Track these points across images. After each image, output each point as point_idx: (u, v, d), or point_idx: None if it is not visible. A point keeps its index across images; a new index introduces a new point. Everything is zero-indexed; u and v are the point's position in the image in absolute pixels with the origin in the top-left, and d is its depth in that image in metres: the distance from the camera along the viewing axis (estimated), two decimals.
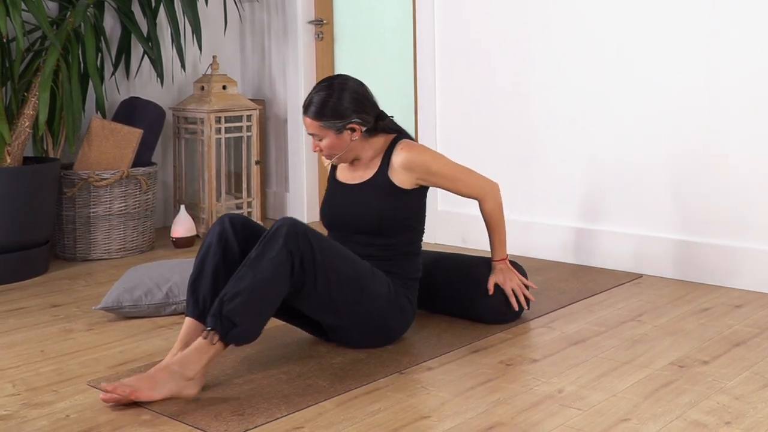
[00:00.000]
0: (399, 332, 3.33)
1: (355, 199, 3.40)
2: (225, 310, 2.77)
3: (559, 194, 4.68)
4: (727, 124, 4.08)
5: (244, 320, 2.79)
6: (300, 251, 2.91)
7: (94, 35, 4.84)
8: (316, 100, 3.31)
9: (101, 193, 4.84)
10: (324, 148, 3.34)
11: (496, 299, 3.54)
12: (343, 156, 3.38)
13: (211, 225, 5.43)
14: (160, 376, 2.76)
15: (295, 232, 2.92)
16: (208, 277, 3.04)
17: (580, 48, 4.55)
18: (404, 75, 5.52)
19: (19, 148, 4.59)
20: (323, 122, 3.29)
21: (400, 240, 3.37)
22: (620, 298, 3.97)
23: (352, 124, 3.32)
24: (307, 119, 3.32)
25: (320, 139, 3.33)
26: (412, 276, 3.41)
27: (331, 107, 3.30)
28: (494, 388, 2.89)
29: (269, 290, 2.85)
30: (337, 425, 2.60)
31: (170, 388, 2.76)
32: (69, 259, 4.90)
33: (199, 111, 5.45)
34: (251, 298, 2.80)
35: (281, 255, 2.87)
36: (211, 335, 2.78)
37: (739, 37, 4.02)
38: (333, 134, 3.31)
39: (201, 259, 3.09)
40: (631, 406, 2.71)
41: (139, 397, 2.72)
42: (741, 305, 3.82)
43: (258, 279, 2.82)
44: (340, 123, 3.30)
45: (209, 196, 5.46)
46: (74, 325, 3.69)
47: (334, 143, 3.33)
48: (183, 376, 2.76)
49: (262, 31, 6.19)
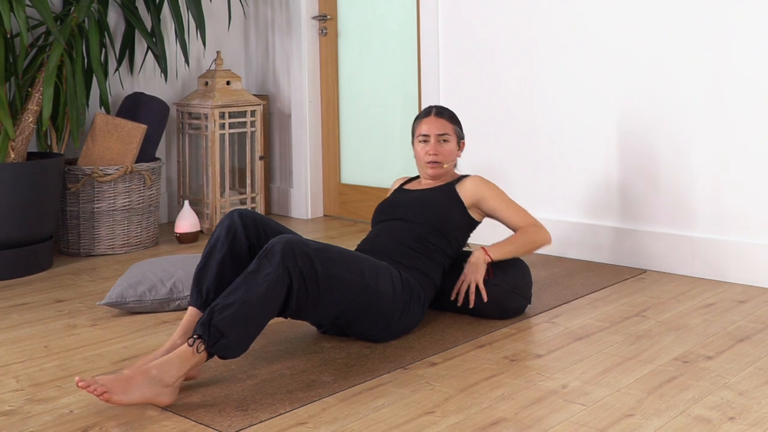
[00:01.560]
0: (403, 330, 3.33)
1: (416, 195, 3.68)
2: (214, 320, 2.70)
3: (562, 190, 4.68)
4: (733, 121, 4.07)
5: (233, 332, 2.71)
6: (298, 267, 2.86)
7: (98, 30, 4.84)
8: (441, 108, 3.78)
9: (105, 188, 4.84)
10: (445, 152, 3.71)
11: (499, 293, 3.54)
12: (448, 167, 3.74)
13: (215, 220, 5.44)
14: (138, 379, 2.66)
15: (291, 249, 2.87)
16: (213, 269, 3.05)
17: (583, 45, 4.55)
18: (408, 71, 5.52)
19: (23, 144, 4.59)
20: (454, 126, 3.75)
21: (435, 242, 3.51)
22: (624, 293, 3.96)
23: (463, 141, 3.81)
24: (440, 120, 3.73)
25: (446, 141, 3.71)
26: (433, 280, 3.46)
27: (455, 117, 3.79)
28: (498, 383, 2.89)
29: (261, 306, 2.77)
30: (340, 421, 2.61)
31: (144, 393, 2.65)
32: (73, 255, 4.90)
33: (203, 106, 5.45)
34: (242, 312, 2.73)
35: (277, 271, 2.82)
36: (197, 343, 2.70)
37: (745, 37, 4.02)
38: (455, 141, 3.75)
39: (208, 251, 3.10)
40: (635, 402, 2.71)
41: (110, 399, 2.60)
42: (745, 301, 3.81)
43: (251, 294, 2.76)
44: (460, 132, 3.78)
45: (213, 192, 5.46)
46: (78, 321, 3.69)
47: (453, 150, 3.74)
48: (161, 382, 2.68)
49: (266, 27, 6.19)
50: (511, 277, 3.58)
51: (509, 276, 3.58)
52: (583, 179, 4.60)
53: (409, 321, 3.32)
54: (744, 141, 4.05)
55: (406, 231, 3.52)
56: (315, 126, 5.98)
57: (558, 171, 4.69)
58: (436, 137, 3.71)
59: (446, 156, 3.71)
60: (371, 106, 5.73)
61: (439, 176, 3.75)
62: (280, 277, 2.81)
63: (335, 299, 3.00)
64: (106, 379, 2.63)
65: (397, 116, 5.59)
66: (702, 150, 4.18)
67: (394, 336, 3.31)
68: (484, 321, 3.55)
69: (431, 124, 3.72)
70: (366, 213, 5.80)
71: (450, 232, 3.58)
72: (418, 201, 3.63)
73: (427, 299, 3.43)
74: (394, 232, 3.53)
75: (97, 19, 4.90)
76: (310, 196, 5.98)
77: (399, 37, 5.56)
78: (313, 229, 5.56)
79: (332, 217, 5.98)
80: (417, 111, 5.46)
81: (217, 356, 2.76)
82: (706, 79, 4.14)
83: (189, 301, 3.06)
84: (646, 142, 4.35)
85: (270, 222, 3.22)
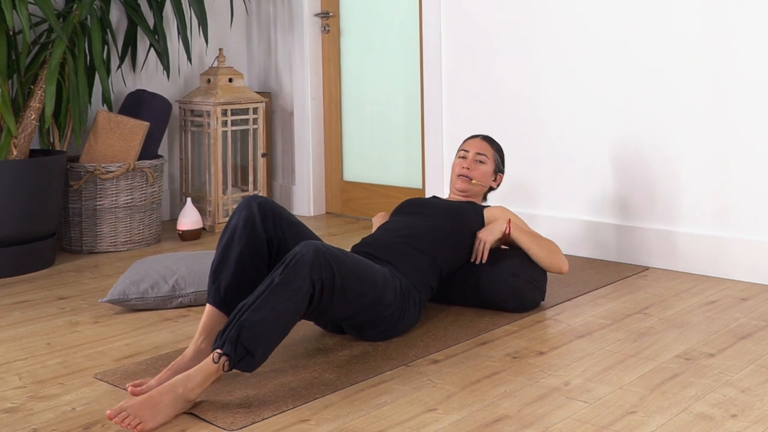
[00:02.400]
0: (400, 333, 3.33)
1: (445, 201, 3.76)
2: (242, 338, 2.65)
3: (564, 187, 4.68)
4: (735, 118, 4.07)
5: (259, 350, 2.68)
6: (322, 279, 2.82)
7: (101, 28, 4.84)
8: (490, 137, 3.99)
9: (107, 185, 4.84)
10: (480, 171, 3.86)
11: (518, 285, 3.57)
12: (478, 188, 3.87)
13: (217, 218, 5.44)
14: (164, 401, 2.61)
15: (319, 262, 2.81)
16: (231, 265, 3.00)
17: (585, 44, 4.54)
18: (410, 68, 5.52)
19: (26, 141, 4.59)
20: (495, 152, 3.92)
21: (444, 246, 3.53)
22: (626, 291, 3.96)
23: (501, 174, 3.96)
24: (483, 142, 3.92)
25: (482, 162, 3.87)
26: (430, 284, 3.47)
27: (500, 148, 3.98)
28: (500, 380, 2.89)
29: (288, 322, 2.74)
30: (343, 418, 2.61)
31: (169, 414, 2.61)
32: (75, 252, 4.90)
33: (205, 103, 5.46)
34: (270, 330, 2.69)
35: (305, 285, 2.77)
36: (224, 361, 2.66)
37: (746, 36, 4.02)
38: (492, 167, 3.90)
39: (226, 243, 3.04)
40: (637, 399, 2.71)
41: (144, 428, 2.54)
42: (747, 298, 3.81)
43: (280, 310, 2.71)
44: (500, 161, 3.94)
45: (215, 189, 5.46)
46: (80, 318, 3.70)
47: (488, 173, 3.89)
48: (186, 398, 2.64)
49: (268, 24, 6.19)
50: (529, 270, 3.63)
51: (528, 268, 3.62)
52: (585, 176, 4.60)
53: (406, 324, 3.32)
54: (747, 138, 4.05)
55: (420, 228, 3.54)
56: (317, 123, 5.98)
57: (560, 168, 4.69)
58: (474, 155, 3.88)
59: (479, 175, 3.86)
60: (373, 103, 5.73)
61: (467, 192, 3.85)
62: (308, 289, 2.78)
63: (343, 308, 2.99)
64: (135, 407, 2.55)
65: (399, 113, 5.59)
66: (704, 147, 4.18)
67: (388, 338, 3.31)
68: (487, 318, 3.56)
69: (473, 143, 3.92)
70: (369, 210, 5.80)
71: (463, 243, 3.61)
72: (448, 206, 3.70)
73: (423, 301, 3.42)
74: (407, 228, 3.54)
75: (99, 17, 4.90)
76: (312, 193, 5.98)
77: (401, 35, 5.56)
78: (316, 227, 5.56)
79: (335, 215, 5.98)
80: (419, 108, 5.46)
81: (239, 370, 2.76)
82: (708, 76, 4.14)
83: (207, 298, 3.02)
84: (648, 139, 4.35)
85: (285, 213, 3.16)
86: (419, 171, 5.52)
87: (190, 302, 3.80)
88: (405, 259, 3.40)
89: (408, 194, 5.58)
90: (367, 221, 5.72)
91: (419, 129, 5.49)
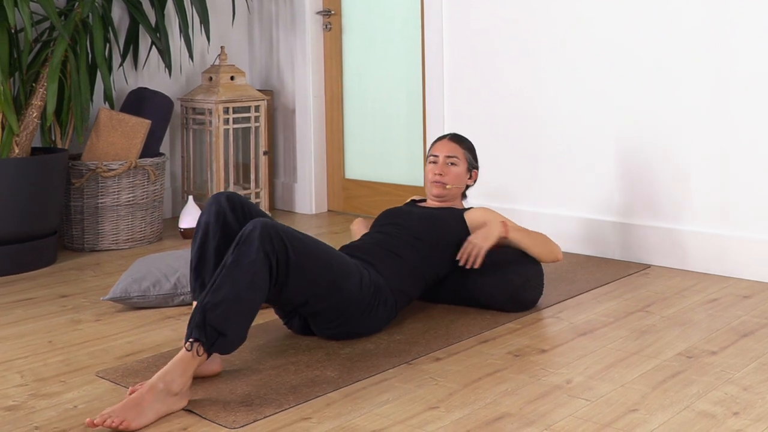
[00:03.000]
0: (363, 332, 3.29)
1: (423, 210, 3.71)
2: (209, 320, 2.67)
3: (566, 185, 4.68)
4: (737, 117, 4.07)
5: (230, 328, 2.69)
6: (276, 252, 2.84)
7: (102, 26, 4.84)
8: (458, 134, 3.89)
9: (109, 183, 4.84)
10: (452, 174, 3.78)
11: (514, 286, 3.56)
12: (454, 191, 3.80)
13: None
14: (147, 398, 2.59)
15: (268, 234, 2.84)
16: (211, 259, 3.04)
17: (586, 42, 4.54)
18: (412, 66, 5.52)
19: (27, 139, 4.60)
20: (465, 151, 3.83)
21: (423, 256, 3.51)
22: (628, 288, 3.96)
23: (475, 170, 3.87)
24: (451, 143, 3.82)
25: (454, 165, 3.78)
26: (407, 292, 3.43)
27: (470, 145, 3.88)
28: (502, 378, 2.89)
29: (251, 294, 2.75)
30: (345, 416, 2.61)
31: (158, 410, 2.60)
32: (77, 250, 4.90)
33: (207, 101, 5.46)
34: (235, 306, 2.70)
35: (258, 257, 2.79)
36: (196, 347, 2.66)
37: (747, 36, 4.01)
38: (465, 166, 3.82)
39: (201, 242, 3.08)
40: (639, 397, 2.71)
41: (129, 426, 2.52)
42: (749, 296, 3.81)
43: (239, 285, 2.73)
44: (472, 158, 3.84)
45: (217, 187, 5.46)
46: (82, 316, 3.70)
47: (461, 174, 3.81)
48: (169, 392, 2.62)
49: (270, 22, 6.19)
50: (524, 270, 3.61)
51: (522, 268, 3.60)
52: (586, 175, 4.59)
53: (372, 324, 3.28)
54: (748, 136, 4.04)
55: (398, 238, 3.51)
56: (319, 121, 5.98)
57: (562, 167, 4.68)
58: (444, 158, 3.79)
59: (452, 178, 3.78)
60: (375, 101, 5.73)
61: (443, 197, 3.79)
62: (262, 261, 2.80)
63: (300, 288, 2.98)
64: (117, 409, 2.54)
65: (401, 111, 5.59)
66: (706, 145, 4.17)
67: (350, 335, 3.26)
68: (488, 316, 3.56)
69: (442, 146, 3.83)
70: (370, 208, 5.80)
71: (444, 252, 3.58)
72: (424, 215, 3.65)
73: (397, 308, 3.38)
74: (386, 237, 3.52)
75: (101, 15, 4.90)
76: (314, 191, 5.98)
77: (403, 33, 5.56)
78: (318, 225, 5.56)
79: (337, 213, 5.99)
80: (421, 106, 5.46)
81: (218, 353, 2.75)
82: (708, 75, 4.14)
83: (192, 296, 3.04)
84: (650, 137, 4.35)
85: (253, 206, 3.21)
86: (421, 169, 5.52)
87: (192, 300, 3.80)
88: (386, 263, 3.38)
89: (410, 192, 5.57)
90: (368, 219, 5.72)
91: (421, 127, 5.49)
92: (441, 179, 3.76)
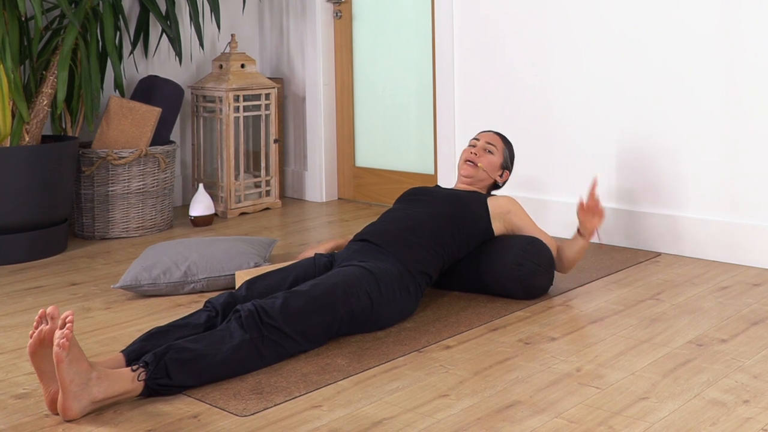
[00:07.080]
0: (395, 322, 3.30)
1: (447, 190, 3.76)
2: (167, 357, 2.64)
3: (576, 174, 4.67)
4: (747, 105, 4.06)
5: (178, 378, 2.66)
6: (264, 336, 2.84)
7: (113, 14, 4.85)
8: (505, 137, 4.02)
9: (119, 171, 4.85)
10: (488, 160, 3.85)
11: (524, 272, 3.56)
12: (485, 177, 3.85)
13: (229, 203, 5.44)
14: (78, 379, 2.50)
15: (254, 323, 2.84)
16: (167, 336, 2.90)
17: (597, 31, 4.53)
18: (422, 54, 5.51)
19: (38, 127, 4.60)
20: (505, 147, 3.91)
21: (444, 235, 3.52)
22: (638, 276, 3.96)
23: (507, 171, 3.92)
24: (495, 135, 3.91)
25: (491, 153, 3.86)
26: (427, 272, 3.42)
27: (510, 146, 3.96)
28: (512, 366, 2.89)
29: (218, 367, 2.73)
30: (355, 404, 2.61)
31: (78, 396, 2.50)
32: (87, 238, 4.91)
33: (217, 89, 5.46)
34: (197, 364, 2.69)
35: (242, 344, 2.78)
36: (140, 371, 2.62)
37: (759, 26, 4.00)
38: (500, 159, 3.88)
39: (193, 313, 3.03)
40: (649, 385, 2.71)
41: (62, 359, 2.43)
42: (759, 284, 3.80)
43: (213, 353, 2.73)
44: (509, 158, 3.92)
45: (228, 175, 5.46)
46: (92, 304, 3.71)
47: (494, 164, 3.86)
48: (89, 391, 2.52)
49: (280, 10, 6.18)
50: (534, 257, 3.60)
51: (533, 256, 3.60)
52: (597, 163, 4.59)
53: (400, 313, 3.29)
54: (758, 124, 4.03)
55: (421, 217, 3.53)
56: (329, 109, 5.98)
57: (572, 155, 4.68)
58: (484, 143, 3.87)
59: (486, 163, 3.85)
60: (386, 89, 5.72)
61: (471, 178, 3.83)
62: (245, 348, 2.80)
63: (314, 333, 3.01)
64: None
65: (411, 99, 5.58)
66: (716, 134, 4.16)
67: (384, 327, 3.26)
68: (499, 304, 3.55)
69: (485, 134, 3.93)
70: (381, 196, 5.80)
71: (463, 231, 3.59)
72: (448, 194, 3.70)
73: (420, 289, 3.39)
74: (408, 217, 3.54)
75: (111, 2, 4.90)
76: (324, 179, 5.98)
77: (413, 20, 5.54)
78: (328, 213, 5.56)
79: (347, 200, 5.99)
80: (431, 94, 5.45)
81: (149, 389, 2.65)
82: (719, 65, 4.12)
83: (127, 348, 2.86)
84: (660, 126, 4.34)
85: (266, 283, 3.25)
86: (431, 157, 5.51)
87: (202, 288, 3.81)
88: (405, 248, 3.39)
89: (420, 180, 5.57)
90: (379, 207, 5.72)
91: (431, 115, 5.48)
92: (475, 159, 3.83)
